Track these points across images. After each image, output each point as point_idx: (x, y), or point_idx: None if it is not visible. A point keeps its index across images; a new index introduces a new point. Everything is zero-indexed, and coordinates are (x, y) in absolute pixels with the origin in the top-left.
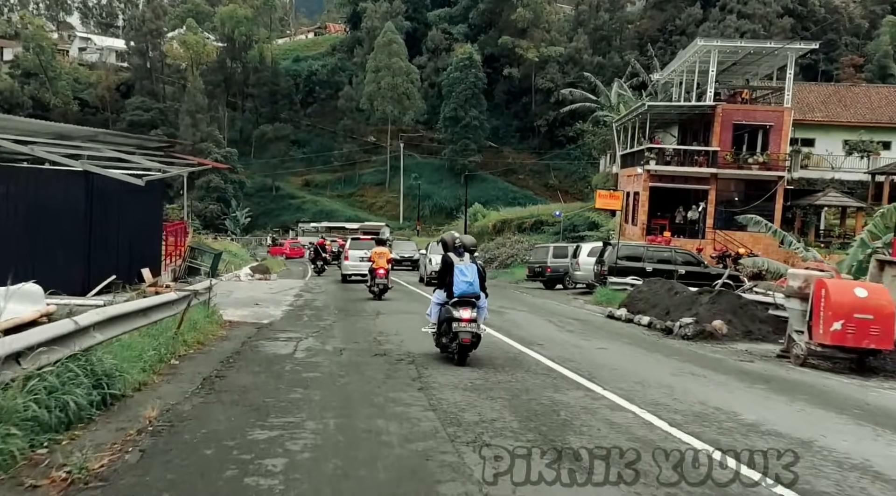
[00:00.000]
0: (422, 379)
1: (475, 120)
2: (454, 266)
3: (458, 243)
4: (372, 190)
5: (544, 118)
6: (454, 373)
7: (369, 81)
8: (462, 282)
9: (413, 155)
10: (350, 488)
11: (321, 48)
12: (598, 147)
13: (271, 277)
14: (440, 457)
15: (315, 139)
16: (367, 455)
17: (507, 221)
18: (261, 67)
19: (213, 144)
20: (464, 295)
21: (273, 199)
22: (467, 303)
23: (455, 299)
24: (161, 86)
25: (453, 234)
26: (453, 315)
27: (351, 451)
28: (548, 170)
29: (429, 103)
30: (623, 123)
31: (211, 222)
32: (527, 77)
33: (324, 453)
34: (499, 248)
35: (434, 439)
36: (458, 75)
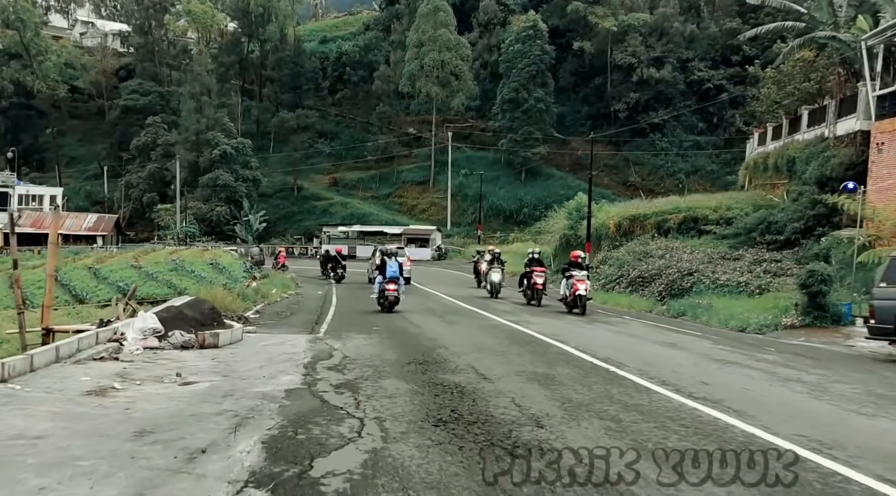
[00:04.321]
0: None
1: (540, 102)
2: (386, 263)
3: (389, 252)
4: (413, 190)
5: (623, 101)
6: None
7: (410, 58)
8: (390, 271)
9: (462, 147)
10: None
11: (352, 28)
12: (786, 98)
13: (227, 336)
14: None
15: (345, 131)
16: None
17: (636, 219)
18: (281, 47)
19: (222, 133)
20: (391, 278)
21: (294, 200)
22: (393, 280)
23: (387, 279)
24: (166, 69)
25: (388, 247)
26: (386, 287)
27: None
28: (627, 165)
29: (480, 87)
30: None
31: (217, 227)
32: (601, 53)
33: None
34: (641, 260)
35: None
36: (519, 48)
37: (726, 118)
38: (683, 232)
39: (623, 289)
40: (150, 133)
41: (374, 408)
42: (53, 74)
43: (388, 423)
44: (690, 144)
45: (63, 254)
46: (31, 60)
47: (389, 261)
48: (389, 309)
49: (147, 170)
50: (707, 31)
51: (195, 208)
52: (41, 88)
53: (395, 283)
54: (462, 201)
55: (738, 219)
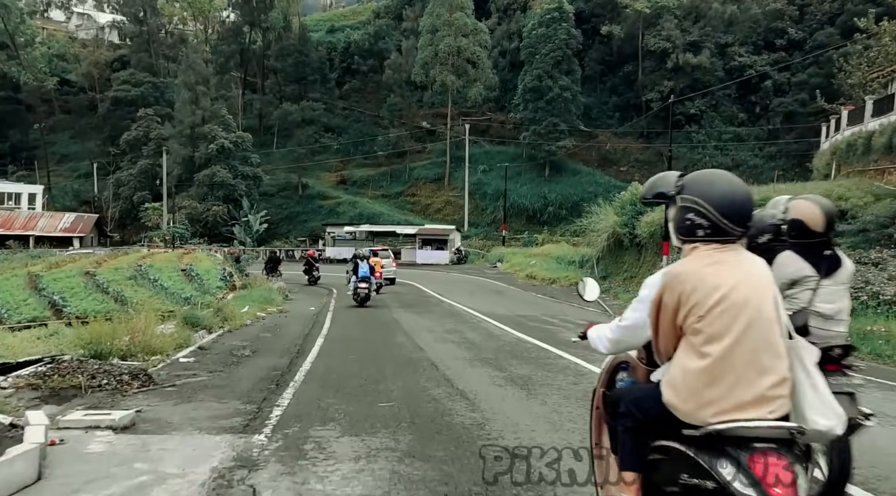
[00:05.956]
0: (356, 309)
1: (566, 91)
2: (358, 265)
3: (362, 255)
4: (426, 188)
5: (657, 90)
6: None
7: (424, 45)
8: (361, 272)
9: (479, 142)
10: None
11: (361, 17)
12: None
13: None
14: None
15: (353, 125)
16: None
17: None
18: (285, 35)
19: (220, 127)
20: (362, 277)
21: (299, 199)
22: (364, 279)
23: (359, 279)
24: (163, 61)
25: (362, 250)
26: (358, 285)
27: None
28: (660, 160)
29: (499, 77)
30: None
31: (214, 229)
32: (631, 38)
33: None
34: None
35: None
36: (542, 32)
37: (772, 107)
38: None
39: None
40: (141, 126)
41: None
42: (41, 65)
43: None
44: (730, 137)
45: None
46: (16, 50)
47: (361, 263)
48: (361, 303)
49: (138, 166)
50: (749, 12)
51: (189, 208)
52: (28, 80)
53: (366, 282)
54: (480, 200)
55: (857, 211)
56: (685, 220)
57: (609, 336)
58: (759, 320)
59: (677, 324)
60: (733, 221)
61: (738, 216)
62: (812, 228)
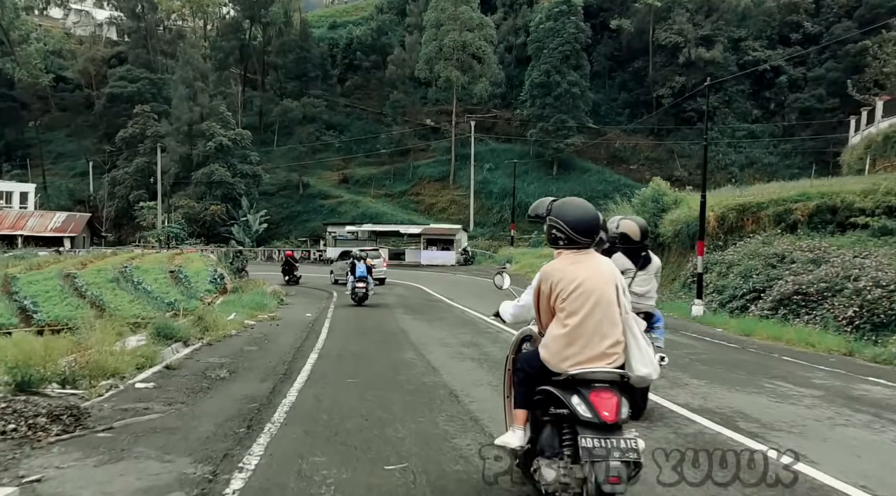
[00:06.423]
0: (354, 308)
1: (574, 87)
2: (356, 265)
3: (358, 255)
4: (431, 187)
5: (668, 86)
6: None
7: (428, 40)
8: (359, 272)
9: (484, 139)
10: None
11: (364, 13)
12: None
13: None
14: None
15: (355, 123)
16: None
17: (746, 210)
18: (286, 30)
19: (218, 124)
20: (359, 277)
21: (300, 199)
22: (362, 279)
23: (356, 278)
24: (161, 58)
25: (356, 251)
26: (356, 285)
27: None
28: (671, 157)
29: (505, 73)
30: None
31: (212, 229)
32: (641, 33)
33: None
34: (776, 266)
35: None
36: (550, 26)
37: (787, 103)
38: (817, 226)
39: (765, 313)
40: (138, 124)
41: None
42: (36, 61)
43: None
44: (744, 134)
45: (1, 259)
46: (10, 46)
47: (358, 263)
48: (360, 302)
49: (134, 164)
50: (763, 5)
51: (187, 207)
52: (23, 77)
53: (363, 282)
54: (486, 199)
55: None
56: (551, 233)
57: (511, 311)
58: (603, 301)
59: (550, 305)
60: (582, 234)
61: (585, 231)
62: (633, 238)
